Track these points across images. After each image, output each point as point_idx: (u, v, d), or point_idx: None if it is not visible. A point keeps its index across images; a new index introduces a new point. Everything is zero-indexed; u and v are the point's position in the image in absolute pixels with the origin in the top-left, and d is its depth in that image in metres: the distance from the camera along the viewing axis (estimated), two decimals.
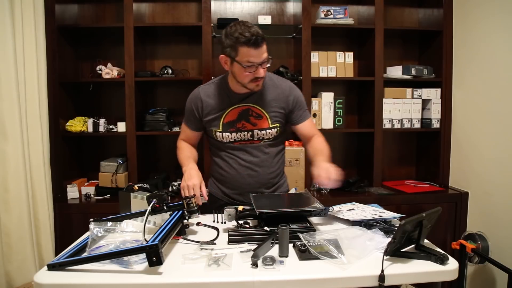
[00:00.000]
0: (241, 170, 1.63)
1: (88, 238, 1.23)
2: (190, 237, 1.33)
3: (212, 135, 1.63)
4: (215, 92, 1.62)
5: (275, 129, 1.61)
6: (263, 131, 1.60)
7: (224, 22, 2.48)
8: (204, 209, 1.58)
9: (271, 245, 1.22)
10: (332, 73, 2.59)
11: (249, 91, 1.56)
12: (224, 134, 1.60)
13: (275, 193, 1.70)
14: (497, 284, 2.19)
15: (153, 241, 1.06)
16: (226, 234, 1.30)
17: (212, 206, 1.62)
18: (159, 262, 1.04)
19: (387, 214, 1.45)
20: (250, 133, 1.60)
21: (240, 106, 1.59)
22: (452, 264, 1.11)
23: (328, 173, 1.38)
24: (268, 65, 1.50)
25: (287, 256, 1.16)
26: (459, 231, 2.46)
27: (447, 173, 2.68)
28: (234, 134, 1.59)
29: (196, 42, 2.52)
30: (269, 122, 1.60)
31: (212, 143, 1.69)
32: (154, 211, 1.28)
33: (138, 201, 1.44)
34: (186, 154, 1.66)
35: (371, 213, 1.47)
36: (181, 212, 1.33)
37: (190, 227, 1.42)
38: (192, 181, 1.45)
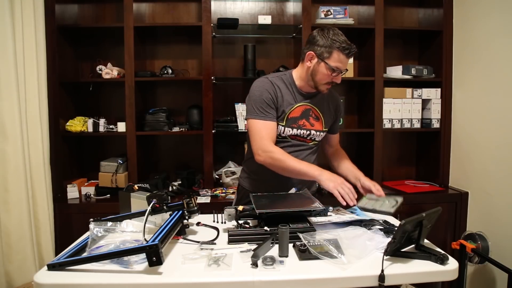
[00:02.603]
0: None
1: (88, 238, 1.23)
2: (190, 237, 1.33)
3: None
4: (283, 85, 1.63)
5: (325, 133, 1.71)
6: (318, 133, 1.67)
7: (224, 22, 2.49)
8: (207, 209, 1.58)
9: (271, 245, 1.22)
10: None
11: (313, 92, 1.64)
12: (286, 128, 1.62)
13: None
14: (497, 284, 2.19)
15: (153, 241, 1.06)
16: (226, 234, 1.30)
17: (247, 198, 1.61)
18: (159, 262, 1.04)
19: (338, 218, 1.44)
20: (308, 132, 1.65)
21: (304, 105, 1.64)
22: (452, 264, 1.11)
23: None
24: (343, 74, 1.59)
25: (287, 256, 1.17)
26: (459, 231, 2.46)
27: (447, 173, 2.68)
28: (294, 130, 1.63)
29: (196, 42, 2.52)
30: (323, 125, 1.68)
31: None
32: (154, 211, 1.28)
33: (138, 201, 1.44)
34: (296, 160, 1.55)
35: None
36: (181, 212, 1.33)
37: (190, 227, 1.42)
38: (342, 180, 1.46)
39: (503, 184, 2.18)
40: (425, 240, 1.24)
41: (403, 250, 1.17)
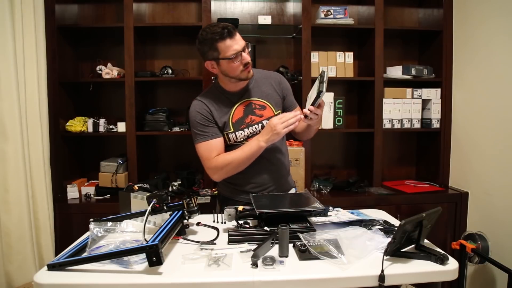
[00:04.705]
0: (262, 164, 1.62)
1: (88, 238, 1.23)
2: (190, 237, 1.33)
3: (224, 140, 1.62)
4: (213, 98, 1.63)
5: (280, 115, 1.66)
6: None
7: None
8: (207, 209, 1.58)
9: (271, 245, 1.22)
10: (332, 73, 2.59)
11: (244, 87, 1.62)
12: (237, 133, 1.61)
13: (290, 184, 1.74)
14: (497, 284, 2.19)
15: (153, 241, 1.06)
16: (226, 234, 1.30)
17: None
18: (159, 262, 1.04)
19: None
20: (260, 125, 1.62)
21: (242, 102, 1.63)
22: (452, 264, 1.11)
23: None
24: (249, 49, 1.55)
25: (287, 256, 1.16)
26: (459, 231, 2.46)
27: (447, 173, 2.68)
28: (246, 130, 1.61)
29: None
30: (273, 109, 1.65)
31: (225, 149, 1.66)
32: (154, 211, 1.28)
33: (138, 201, 1.44)
34: (235, 151, 1.57)
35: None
36: (181, 212, 1.33)
37: (190, 227, 1.42)
38: (274, 122, 1.45)
39: (503, 184, 2.18)
40: (425, 240, 1.24)
41: (403, 250, 1.17)
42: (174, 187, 2.53)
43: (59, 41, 2.39)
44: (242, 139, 1.62)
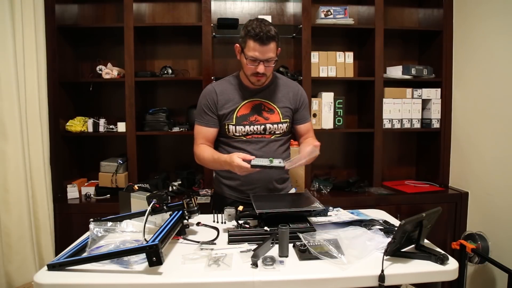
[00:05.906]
0: None
1: (88, 238, 1.23)
2: (190, 237, 1.33)
3: (224, 130, 1.65)
4: (228, 87, 1.67)
5: (286, 124, 1.68)
6: (275, 125, 1.65)
7: (224, 22, 2.49)
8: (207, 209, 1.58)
9: (271, 245, 1.22)
10: (332, 73, 2.59)
11: (262, 87, 1.66)
12: (237, 127, 1.63)
13: (281, 190, 1.74)
14: (497, 284, 2.19)
15: (153, 241, 1.06)
16: (226, 234, 1.30)
17: (220, 205, 1.61)
18: (159, 262, 1.04)
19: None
20: (263, 126, 1.64)
21: (253, 101, 1.65)
22: (452, 264, 1.11)
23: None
24: (272, 65, 1.58)
25: (287, 256, 1.17)
26: (459, 231, 2.46)
27: (447, 173, 2.68)
28: (247, 127, 1.63)
29: (196, 42, 2.52)
30: (281, 117, 1.67)
31: (222, 140, 1.69)
32: (154, 211, 1.28)
33: (138, 201, 1.44)
34: (210, 152, 1.61)
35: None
36: (181, 212, 1.33)
37: (190, 227, 1.42)
38: (235, 163, 1.41)
39: (503, 184, 2.18)
40: (425, 240, 1.24)
41: (403, 250, 1.17)
42: (174, 187, 2.53)
43: (59, 41, 2.39)
44: (240, 134, 1.63)
